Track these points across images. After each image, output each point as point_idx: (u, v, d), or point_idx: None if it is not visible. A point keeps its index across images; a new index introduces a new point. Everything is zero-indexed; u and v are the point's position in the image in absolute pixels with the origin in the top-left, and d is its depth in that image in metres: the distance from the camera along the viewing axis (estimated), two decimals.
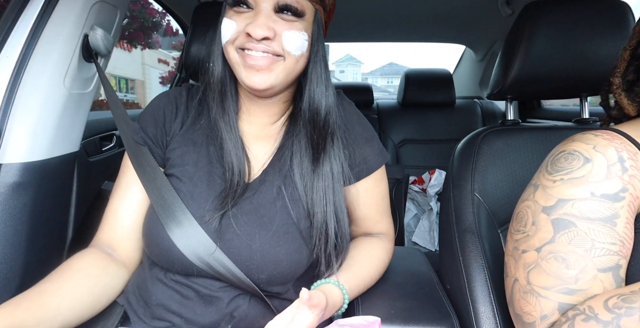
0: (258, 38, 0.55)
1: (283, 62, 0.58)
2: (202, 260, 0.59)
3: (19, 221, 0.75)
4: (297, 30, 0.58)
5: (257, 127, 0.69)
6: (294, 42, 0.58)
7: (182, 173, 0.65)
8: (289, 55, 0.58)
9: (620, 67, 0.59)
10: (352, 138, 0.69)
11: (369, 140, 0.71)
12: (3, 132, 0.74)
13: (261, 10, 0.56)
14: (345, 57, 48.02)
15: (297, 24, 0.58)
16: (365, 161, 0.70)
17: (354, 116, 0.72)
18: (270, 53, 0.57)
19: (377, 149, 0.72)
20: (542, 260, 0.52)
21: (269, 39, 0.56)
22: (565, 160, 0.54)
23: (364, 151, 0.70)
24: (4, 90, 0.74)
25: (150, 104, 0.71)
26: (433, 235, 1.73)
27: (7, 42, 0.75)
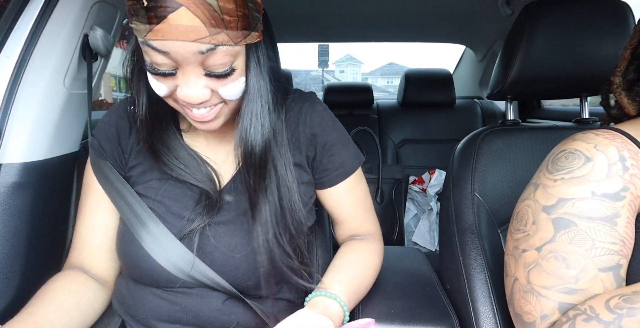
0: (196, 104, 0.51)
1: (226, 106, 0.55)
2: (186, 274, 0.59)
3: (19, 221, 0.75)
4: (232, 82, 0.52)
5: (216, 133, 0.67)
6: (233, 92, 0.53)
7: (146, 190, 0.64)
8: (230, 101, 0.54)
9: (620, 66, 0.59)
10: (330, 144, 0.67)
11: (346, 144, 0.70)
12: (3, 132, 0.74)
13: (188, 72, 0.49)
14: (345, 57, 48.02)
15: (230, 77, 0.51)
16: (343, 165, 0.69)
17: (330, 122, 0.69)
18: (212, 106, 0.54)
19: (353, 152, 0.71)
20: (543, 259, 0.52)
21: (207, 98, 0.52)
22: (566, 159, 0.54)
23: (341, 155, 0.69)
24: (4, 90, 0.74)
25: (101, 121, 0.68)
26: (433, 235, 1.73)
27: (7, 42, 0.75)
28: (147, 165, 0.65)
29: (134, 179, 0.66)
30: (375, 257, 0.72)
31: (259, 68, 0.55)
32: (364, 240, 0.73)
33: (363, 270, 0.68)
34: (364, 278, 0.68)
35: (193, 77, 0.50)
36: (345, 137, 0.70)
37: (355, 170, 0.70)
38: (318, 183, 0.70)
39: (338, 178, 0.69)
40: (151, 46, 0.47)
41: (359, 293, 0.67)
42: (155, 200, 0.63)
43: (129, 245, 0.61)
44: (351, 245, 0.72)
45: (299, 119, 0.66)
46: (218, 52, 0.48)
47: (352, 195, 0.71)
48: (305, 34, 2.20)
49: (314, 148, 0.67)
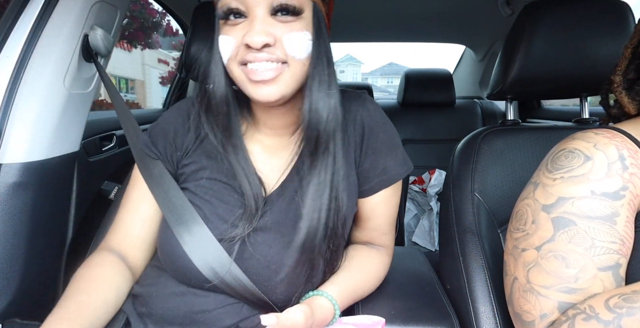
0: (258, 47, 0.51)
1: (288, 68, 0.54)
2: (218, 276, 0.58)
3: (19, 221, 0.75)
4: (298, 31, 0.53)
5: (274, 138, 0.66)
6: (297, 44, 0.53)
7: (195, 188, 0.63)
8: (293, 61, 0.54)
9: (621, 65, 0.59)
10: (375, 146, 0.64)
11: (393, 149, 0.65)
12: (3, 132, 0.74)
13: (255, 16, 0.52)
14: (345, 57, 48.01)
15: (297, 24, 0.53)
16: (386, 171, 0.65)
17: (380, 122, 0.65)
18: (274, 61, 0.53)
19: (401, 158, 0.66)
20: (542, 258, 0.52)
21: (270, 45, 0.52)
22: (565, 159, 0.54)
23: (385, 160, 0.65)
24: (4, 90, 0.74)
25: (161, 117, 0.69)
26: (433, 235, 1.73)
27: (7, 42, 0.75)
28: (201, 164, 0.65)
29: (186, 176, 0.65)
30: (381, 269, 0.71)
31: (323, 38, 0.55)
32: (374, 249, 0.72)
33: (364, 279, 0.67)
34: (362, 286, 0.67)
35: (260, 18, 0.52)
36: (393, 140, 0.66)
37: (399, 179, 0.66)
38: (359, 191, 0.67)
39: (379, 185, 0.66)
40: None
41: (354, 298, 0.66)
42: (204, 199, 0.62)
43: (168, 241, 0.61)
44: (361, 250, 0.71)
45: (348, 117, 0.64)
46: None
47: (386, 207, 0.68)
48: None
49: (360, 149, 0.64)
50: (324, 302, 0.60)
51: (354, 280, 0.66)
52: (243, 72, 0.55)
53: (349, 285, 0.65)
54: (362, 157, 0.64)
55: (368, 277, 0.68)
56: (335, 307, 0.61)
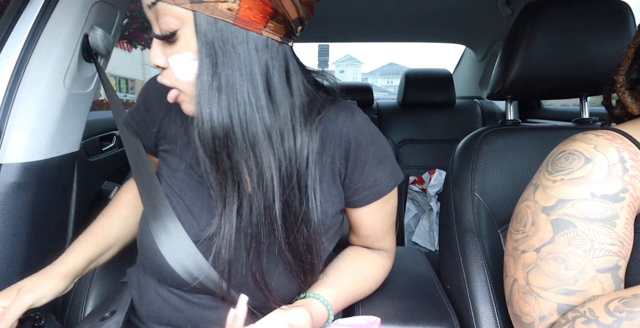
0: (154, 66, 0.50)
1: (183, 93, 0.51)
2: (194, 278, 0.57)
3: (19, 221, 0.75)
4: (178, 54, 0.48)
5: None
6: (181, 68, 0.49)
7: (172, 180, 0.62)
8: (182, 84, 0.50)
9: (624, 65, 0.59)
10: (364, 159, 0.61)
11: (383, 161, 0.63)
12: (3, 132, 0.74)
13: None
14: (345, 57, 48.00)
15: (176, 44, 0.48)
16: (376, 184, 0.63)
17: (368, 135, 0.61)
18: (169, 86, 0.51)
19: (390, 170, 0.64)
20: (542, 260, 0.52)
21: (165, 68, 0.50)
22: (565, 160, 0.54)
23: (375, 173, 0.62)
24: (4, 90, 0.74)
25: (141, 89, 0.68)
26: (433, 235, 1.73)
27: (7, 42, 0.75)
28: (178, 150, 0.62)
29: (162, 164, 0.64)
30: (380, 272, 0.70)
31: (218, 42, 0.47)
32: (374, 252, 0.71)
33: (361, 281, 0.67)
34: (359, 289, 0.67)
35: (154, 41, 0.50)
36: (383, 153, 0.63)
37: (390, 190, 0.65)
38: (348, 202, 0.64)
39: (369, 198, 0.64)
40: None
41: (349, 300, 0.65)
42: (179, 194, 0.60)
43: (146, 237, 0.60)
44: (360, 251, 0.70)
45: (334, 129, 0.60)
46: (159, 10, 0.46)
47: (378, 216, 0.67)
48: (305, 34, 2.18)
49: (345, 163, 0.61)
50: (318, 307, 0.59)
51: (351, 283, 0.65)
52: None
53: (346, 287, 0.64)
54: (350, 169, 0.61)
55: (366, 279, 0.68)
56: (329, 312, 0.60)
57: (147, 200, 0.62)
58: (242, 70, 0.48)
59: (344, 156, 0.61)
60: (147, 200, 0.62)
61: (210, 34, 0.46)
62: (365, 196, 0.63)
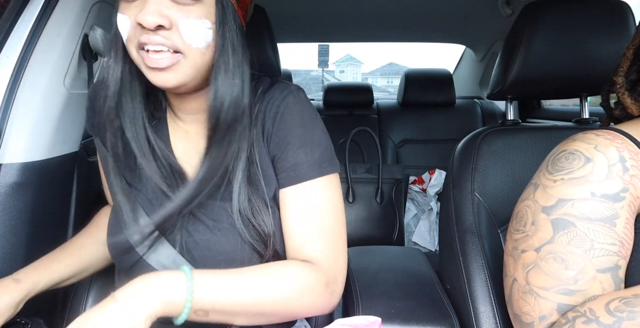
0: (151, 27, 0.47)
1: (185, 59, 0.51)
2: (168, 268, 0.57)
3: (19, 221, 0.75)
4: (195, 18, 0.49)
5: (192, 124, 0.63)
6: (194, 32, 0.50)
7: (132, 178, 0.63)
8: (190, 49, 0.51)
9: (623, 65, 0.59)
10: (287, 139, 0.59)
11: (309, 147, 0.59)
12: (3, 132, 0.74)
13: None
14: (345, 57, 48.02)
15: (195, 9, 0.49)
16: (295, 167, 0.59)
17: (297, 116, 0.60)
18: (169, 48, 0.50)
19: (318, 159, 0.60)
20: (541, 260, 0.52)
21: (165, 28, 0.49)
22: (566, 160, 0.54)
23: (296, 156, 0.59)
24: (4, 90, 0.74)
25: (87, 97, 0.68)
26: (433, 235, 1.73)
27: (7, 42, 0.75)
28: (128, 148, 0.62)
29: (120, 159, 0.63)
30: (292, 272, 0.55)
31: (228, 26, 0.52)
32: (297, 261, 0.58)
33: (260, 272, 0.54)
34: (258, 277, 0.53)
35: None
36: (312, 139, 0.60)
37: (311, 178, 0.59)
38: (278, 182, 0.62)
39: (286, 181, 0.60)
40: None
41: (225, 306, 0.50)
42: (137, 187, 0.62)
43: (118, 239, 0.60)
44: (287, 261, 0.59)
45: (271, 109, 0.60)
46: None
47: (300, 206, 0.59)
48: (305, 34, 2.20)
49: (270, 138, 0.61)
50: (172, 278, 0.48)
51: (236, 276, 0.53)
52: (140, 56, 0.52)
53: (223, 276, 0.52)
54: (273, 146, 0.60)
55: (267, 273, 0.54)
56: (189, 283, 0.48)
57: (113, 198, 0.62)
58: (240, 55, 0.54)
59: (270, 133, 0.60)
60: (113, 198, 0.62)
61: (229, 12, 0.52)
62: (283, 178, 0.60)
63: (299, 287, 0.54)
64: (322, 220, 0.59)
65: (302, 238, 0.59)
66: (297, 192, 0.59)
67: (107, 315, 0.43)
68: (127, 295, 0.45)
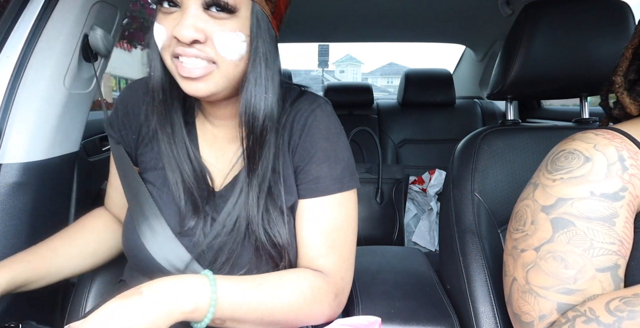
0: (187, 41, 0.49)
1: (218, 69, 0.52)
2: (181, 271, 0.58)
3: (19, 221, 0.75)
4: (230, 31, 0.50)
5: (226, 129, 0.64)
6: (228, 45, 0.51)
7: (155, 178, 0.63)
8: (223, 61, 0.52)
9: (622, 65, 0.59)
10: (311, 151, 0.60)
11: (332, 161, 0.61)
12: (3, 132, 0.74)
13: (187, 8, 0.49)
14: (345, 57, 48.02)
15: (230, 22, 0.50)
16: (317, 181, 0.60)
17: (323, 131, 0.61)
18: (203, 59, 0.51)
19: (339, 174, 0.61)
20: (541, 259, 0.52)
21: (200, 42, 0.50)
22: (565, 159, 0.54)
23: (319, 169, 0.60)
24: (4, 90, 0.74)
25: (117, 99, 0.68)
26: (433, 235, 1.73)
27: (7, 42, 0.75)
28: (157, 150, 0.64)
29: (145, 164, 0.65)
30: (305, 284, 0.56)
31: (261, 39, 0.53)
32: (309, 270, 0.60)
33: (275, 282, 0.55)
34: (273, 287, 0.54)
35: (192, 11, 0.49)
36: (335, 153, 0.61)
37: (330, 193, 0.60)
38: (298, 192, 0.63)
39: (305, 192, 0.61)
40: None
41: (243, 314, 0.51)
42: (162, 190, 0.62)
43: (131, 234, 0.61)
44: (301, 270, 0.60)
45: (299, 121, 0.62)
46: None
47: (318, 219, 0.60)
48: (305, 34, 2.20)
49: (295, 149, 0.62)
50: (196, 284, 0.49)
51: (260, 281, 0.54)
52: (174, 64, 0.53)
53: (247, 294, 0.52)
54: (297, 158, 0.61)
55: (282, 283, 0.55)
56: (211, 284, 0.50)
57: (132, 198, 0.63)
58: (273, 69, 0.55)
59: (296, 143, 0.61)
60: (132, 199, 0.62)
61: (263, 24, 0.53)
62: (304, 189, 0.61)
63: (311, 297, 0.56)
64: (337, 234, 0.61)
65: (317, 250, 0.60)
66: (316, 205, 0.61)
67: (131, 307, 0.44)
68: (152, 292, 0.46)
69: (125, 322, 0.43)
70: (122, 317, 0.43)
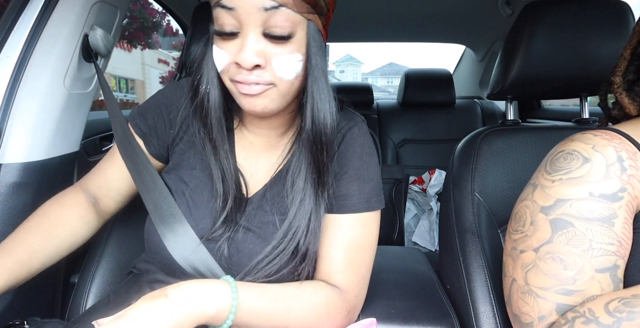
0: (249, 67, 0.51)
1: (276, 88, 0.54)
2: (202, 275, 0.58)
3: (19, 221, 0.75)
4: (288, 54, 0.52)
5: (264, 138, 0.66)
6: (286, 67, 0.52)
7: (190, 179, 0.63)
8: (281, 81, 0.53)
9: (620, 66, 0.59)
10: (344, 168, 0.62)
11: (363, 180, 0.62)
12: (3, 132, 0.74)
13: (247, 34, 0.51)
14: (345, 57, 48.02)
15: (288, 45, 0.52)
16: (346, 198, 0.62)
17: (359, 148, 0.63)
18: (262, 83, 0.53)
19: (368, 193, 0.62)
20: (540, 260, 0.52)
21: (261, 67, 0.52)
22: (564, 160, 0.54)
23: (349, 187, 0.62)
24: (4, 90, 0.74)
25: (159, 92, 0.68)
26: (433, 235, 1.73)
27: (7, 42, 0.75)
28: (192, 152, 0.64)
29: (177, 161, 0.65)
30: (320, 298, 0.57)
31: (318, 54, 0.54)
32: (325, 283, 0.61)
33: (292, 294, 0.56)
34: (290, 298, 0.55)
35: (252, 38, 0.51)
36: (367, 173, 0.63)
37: (357, 212, 0.62)
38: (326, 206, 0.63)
39: (333, 208, 0.62)
40: (220, 4, 0.50)
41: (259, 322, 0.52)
42: (195, 191, 0.62)
43: (153, 237, 0.62)
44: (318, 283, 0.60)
45: (336, 137, 0.63)
46: (280, 13, 0.49)
47: (342, 235, 0.62)
48: None
49: (332, 170, 0.62)
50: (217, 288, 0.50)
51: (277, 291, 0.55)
52: (233, 85, 0.55)
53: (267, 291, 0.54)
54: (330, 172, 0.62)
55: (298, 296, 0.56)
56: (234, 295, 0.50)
57: (150, 200, 0.62)
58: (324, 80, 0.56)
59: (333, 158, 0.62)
60: (151, 200, 0.62)
61: (317, 40, 0.54)
62: (331, 204, 0.62)
63: (325, 313, 0.57)
64: (357, 252, 0.62)
65: (336, 266, 0.61)
66: (342, 222, 0.62)
67: (157, 309, 0.45)
68: (178, 294, 0.47)
69: (152, 323, 0.44)
70: (148, 318, 0.45)
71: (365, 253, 0.63)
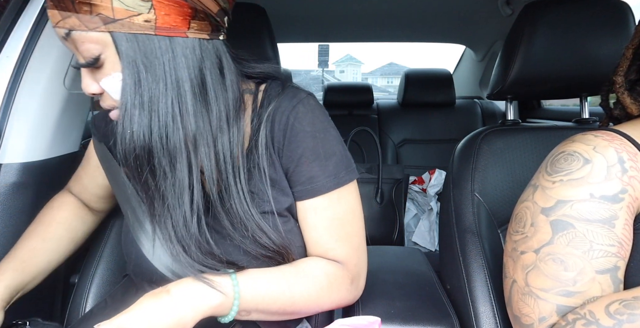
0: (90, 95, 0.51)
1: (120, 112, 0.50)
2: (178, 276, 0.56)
3: (19, 221, 0.75)
4: (105, 77, 0.49)
5: None
6: (112, 89, 0.49)
7: None
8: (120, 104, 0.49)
9: (622, 65, 0.59)
10: (298, 151, 0.57)
11: (322, 158, 0.58)
12: (3, 132, 0.74)
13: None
14: (345, 57, 48.02)
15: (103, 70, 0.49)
16: (312, 181, 0.58)
17: (308, 128, 0.58)
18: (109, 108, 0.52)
19: (333, 169, 0.58)
20: (541, 261, 0.52)
21: (100, 93, 0.51)
22: (565, 161, 0.54)
23: (310, 169, 0.58)
24: (4, 90, 0.74)
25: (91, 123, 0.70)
26: (433, 235, 1.73)
27: (7, 42, 0.75)
28: None
29: None
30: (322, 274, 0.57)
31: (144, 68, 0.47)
32: (324, 260, 0.60)
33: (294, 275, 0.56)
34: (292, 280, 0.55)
35: (83, 71, 0.50)
36: (324, 149, 0.58)
37: (328, 191, 0.58)
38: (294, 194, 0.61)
39: (302, 194, 0.59)
40: None
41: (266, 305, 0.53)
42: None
43: (130, 244, 0.61)
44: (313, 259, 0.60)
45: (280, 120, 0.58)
46: (76, 39, 0.46)
47: (322, 217, 0.59)
48: (305, 34, 2.20)
49: (281, 151, 0.59)
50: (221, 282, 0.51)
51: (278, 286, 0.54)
52: None
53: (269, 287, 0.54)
54: (285, 160, 0.59)
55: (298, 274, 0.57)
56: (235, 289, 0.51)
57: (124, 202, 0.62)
58: (166, 80, 0.48)
59: (282, 145, 0.58)
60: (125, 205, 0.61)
61: (132, 51, 0.47)
62: (299, 191, 0.59)
63: (327, 284, 0.57)
64: (342, 227, 0.60)
65: (326, 245, 0.60)
66: (316, 205, 0.59)
67: (160, 305, 0.47)
68: (180, 289, 0.48)
69: (156, 319, 0.46)
70: (152, 314, 0.46)
71: (352, 225, 0.61)
